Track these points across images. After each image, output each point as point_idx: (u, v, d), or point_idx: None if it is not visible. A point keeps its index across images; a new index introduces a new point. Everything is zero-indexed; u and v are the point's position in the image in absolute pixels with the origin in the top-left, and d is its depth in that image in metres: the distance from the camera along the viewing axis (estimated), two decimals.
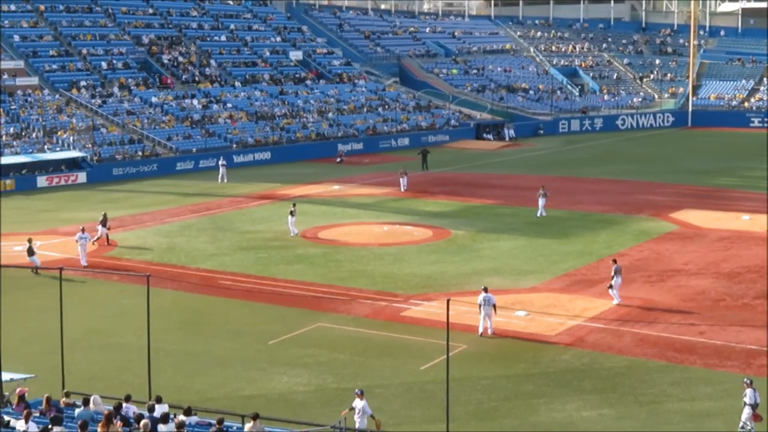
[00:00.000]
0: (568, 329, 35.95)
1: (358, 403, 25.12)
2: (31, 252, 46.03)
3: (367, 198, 67.94)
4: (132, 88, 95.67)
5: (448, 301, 24.60)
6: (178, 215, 61.71)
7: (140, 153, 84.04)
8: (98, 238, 52.37)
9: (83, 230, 47.96)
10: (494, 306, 35.36)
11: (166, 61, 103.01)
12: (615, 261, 40.65)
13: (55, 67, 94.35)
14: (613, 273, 39.75)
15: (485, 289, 35.91)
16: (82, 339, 34.66)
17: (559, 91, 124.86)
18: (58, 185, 76.01)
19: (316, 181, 76.03)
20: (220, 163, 79.22)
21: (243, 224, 58.03)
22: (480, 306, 35.37)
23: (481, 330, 35.37)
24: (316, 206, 63.45)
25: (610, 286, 39.74)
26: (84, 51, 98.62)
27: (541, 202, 59.33)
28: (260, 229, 56.51)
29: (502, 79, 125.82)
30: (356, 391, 25.43)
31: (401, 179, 70.55)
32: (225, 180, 76.61)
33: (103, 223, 52.83)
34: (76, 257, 47.35)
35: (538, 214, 58.91)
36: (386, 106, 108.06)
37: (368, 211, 62.67)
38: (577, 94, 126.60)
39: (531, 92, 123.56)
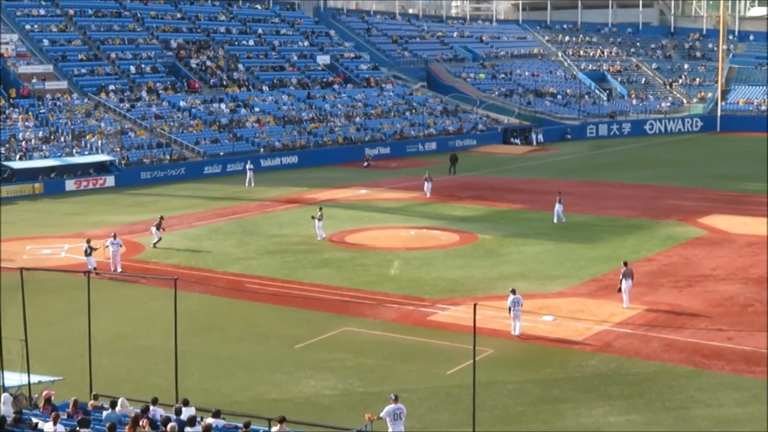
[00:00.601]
0: (595, 334, 35.81)
1: (391, 408, 24.63)
2: (88, 252, 45.71)
3: (393, 202, 67.93)
4: (160, 92, 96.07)
5: (474, 305, 24.53)
6: (206, 219, 61.89)
7: (168, 157, 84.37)
8: (157, 242, 52.67)
9: (115, 236, 47.53)
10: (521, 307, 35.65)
11: (194, 66, 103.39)
12: (626, 264, 40.50)
13: (83, 71, 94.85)
14: (621, 276, 39.71)
15: (513, 291, 35.99)
16: (110, 342, 34.78)
17: (587, 96, 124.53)
18: (86, 189, 76.39)
19: (343, 185, 76.07)
20: (247, 167, 79.44)
21: (270, 228, 58.11)
22: (510, 308, 35.50)
23: (514, 332, 35.54)
24: (343, 210, 63.50)
25: (619, 289, 39.74)
26: (113, 55, 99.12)
27: (558, 208, 58.98)
28: (287, 233, 56.58)
29: (530, 83, 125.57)
30: (390, 396, 24.89)
31: (425, 184, 69.74)
32: (252, 184, 76.79)
33: (158, 225, 53.12)
34: (104, 260, 47.44)
35: (556, 220, 58.52)
36: (413, 111, 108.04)
37: (395, 215, 62.65)
38: (605, 98, 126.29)
39: (559, 97, 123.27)
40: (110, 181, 78.54)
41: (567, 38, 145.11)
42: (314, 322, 37.86)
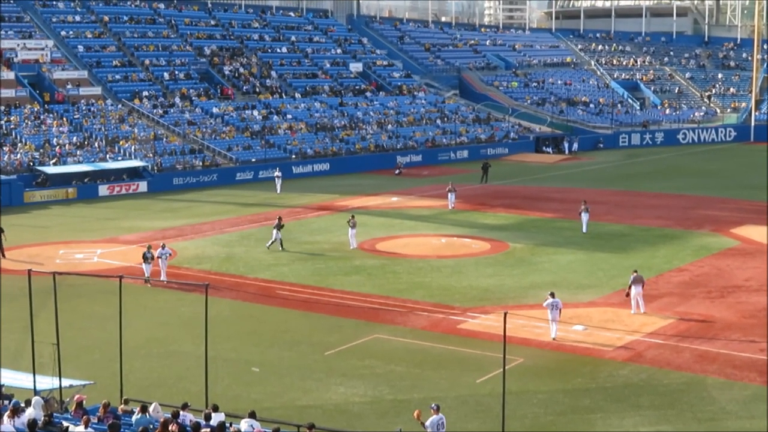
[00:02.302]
0: (627, 344, 35.62)
1: (435, 419, 24.07)
2: (148, 259, 45.39)
3: (425, 210, 67.89)
4: (193, 98, 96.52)
5: (505, 314, 24.44)
6: (238, 225, 62.06)
7: (200, 163, 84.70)
8: (272, 243, 53.26)
9: (164, 246, 47.09)
10: (560, 311, 35.98)
11: (227, 72, 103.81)
12: (635, 271, 40.43)
13: (118, 77, 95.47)
14: (630, 282, 39.75)
15: (552, 294, 36.24)
16: (141, 347, 34.92)
17: (619, 105, 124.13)
18: (119, 194, 76.80)
19: (375, 193, 76.12)
20: (275, 174, 79.45)
21: (301, 235, 58.19)
22: (549, 310, 35.81)
23: (552, 335, 35.91)
24: (374, 218, 63.52)
25: (627, 294, 39.80)
26: (147, 61, 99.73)
27: (584, 217, 58.67)
28: (318, 240, 56.66)
29: (563, 92, 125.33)
30: (432, 406, 24.60)
31: (449, 195, 68.14)
32: (279, 191, 76.83)
33: (279, 226, 53.55)
34: (133, 266, 47.58)
35: (585, 230, 58.21)
36: (445, 119, 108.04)
37: (426, 223, 62.61)
38: (638, 107, 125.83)
39: (591, 105, 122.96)
40: (143, 186, 78.93)
41: (600, 47, 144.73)
42: (345, 329, 37.86)
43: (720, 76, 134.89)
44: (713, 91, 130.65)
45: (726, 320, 38.88)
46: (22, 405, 22.35)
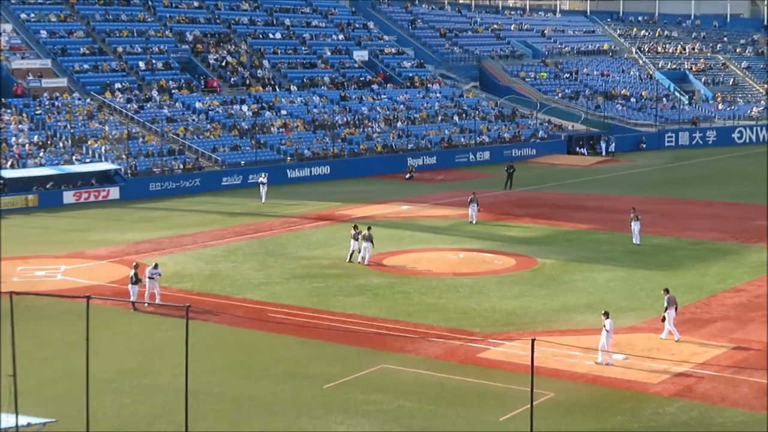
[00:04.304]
0: (674, 377, 35.50)
1: None
2: (134, 281, 45.15)
3: (440, 220, 67.85)
4: (173, 91, 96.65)
5: (533, 341, 24.39)
6: (223, 238, 62.07)
7: (181, 166, 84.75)
8: (351, 254, 53.98)
9: (156, 266, 46.41)
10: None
11: (212, 62, 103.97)
12: (667, 291, 40.36)
13: (86, 67, 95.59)
14: (666, 304, 39.76)
15: (606, 314, 36.75)
16: (112, 379, 34.83)
17: (665, 99, 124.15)
18: (87, 201, 76.80)
19: (382, 201, 76.12)
20: (260, 180, 78.54)
21: (297, 249, 58.17)
22: (606, 332, 36.26)
23: (609, 360, 36.43)
24: (381, 229, 63.40)
25: (663, 318, 39.82)
26: (119, 49, 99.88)
27: (634, 227, 58.59)
28: (317, 254, 56.62)
29: (599, 84, 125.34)
30: None
31: (471, 207, 66.58)
32: (264, 199, 76.42)
33: (356, 237, 53.96)
34: (102, 284, 47.50)
35: (637, 242, 58.24)
36: (464, 115, 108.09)
37: (441, 236, 62.57)
38: (686, 102, 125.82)
39: (632, 100, 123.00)
40: (114, 192, 78.98)
41: (642, 32, 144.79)
42: (347, 358, 37.78)
43: None
44: None
45: None
46: None
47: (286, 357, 38.31)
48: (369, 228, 55.17)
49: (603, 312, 37.15)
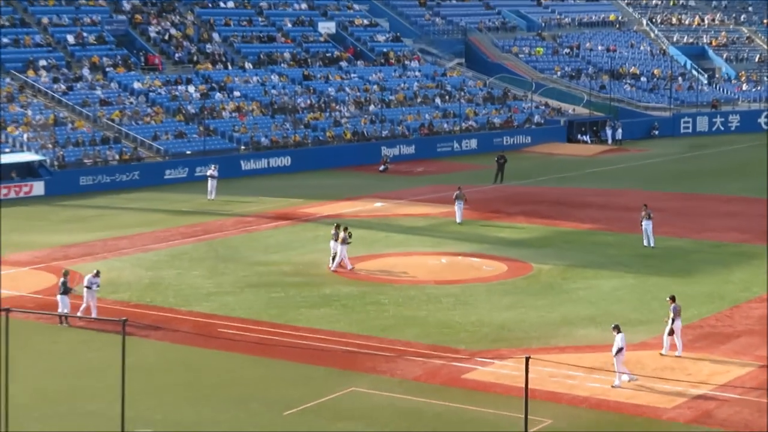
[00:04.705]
0: (691, 400, 35.59)
1: None
2: (62, 290, 44.62)
3: (419, 219, 67.94)
4: (107, 69, 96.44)
5: (527, 359, 24.43)
6: (167, 240, 61.97)
7: (117, 156, 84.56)
8: (337, 263, 53.84)
9: (97, 273, 46.07)
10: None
11: (153, 35, 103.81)
12: (673, 299, 40.48)
13: (5, 41, 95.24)
14: (672, 314, 39.94)
15: (617, 328, 36.71)
16: (34, 406, 34.66)
17: (680, 79, 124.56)
18: (6, 198, 76.48)
19: (352, 197, 76.12)
20: (208, 173, 78.26)
21: (253, 253, 58.16)
22: (620, 350, 36.35)
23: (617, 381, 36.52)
24: (352, 230, 63.44)
25: (671, 332, 39.92)
26: (44, 20, 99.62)
27: (646, 226, 58.61)
28: (276, 259, 56.61)
29: (604, 61, 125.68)
30: None
31: (456, 204, 66.00)
32: (213, 195, 76.52)
33: (337, 237, 53.82)
34: (24, 295, 47.29)
35: (651, 243, 58.39)
36: (447, 97, 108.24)
37: (421, 237, 62.66)
38: (705, 81, 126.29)
39: (643, 79, 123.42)
40: (39, 188, 78.80)
41: (654, 1, 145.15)
42: (311, 380, 37.77)
43: None
44: None
45: None
46: None
47: (240, 379, 38.25)
48: (346, 229, 55.04)
49: (613, 326, 37.12)
